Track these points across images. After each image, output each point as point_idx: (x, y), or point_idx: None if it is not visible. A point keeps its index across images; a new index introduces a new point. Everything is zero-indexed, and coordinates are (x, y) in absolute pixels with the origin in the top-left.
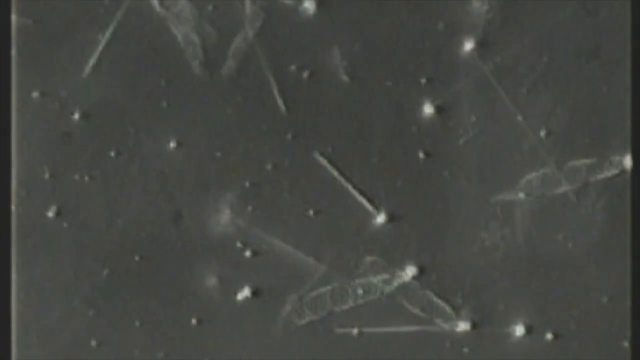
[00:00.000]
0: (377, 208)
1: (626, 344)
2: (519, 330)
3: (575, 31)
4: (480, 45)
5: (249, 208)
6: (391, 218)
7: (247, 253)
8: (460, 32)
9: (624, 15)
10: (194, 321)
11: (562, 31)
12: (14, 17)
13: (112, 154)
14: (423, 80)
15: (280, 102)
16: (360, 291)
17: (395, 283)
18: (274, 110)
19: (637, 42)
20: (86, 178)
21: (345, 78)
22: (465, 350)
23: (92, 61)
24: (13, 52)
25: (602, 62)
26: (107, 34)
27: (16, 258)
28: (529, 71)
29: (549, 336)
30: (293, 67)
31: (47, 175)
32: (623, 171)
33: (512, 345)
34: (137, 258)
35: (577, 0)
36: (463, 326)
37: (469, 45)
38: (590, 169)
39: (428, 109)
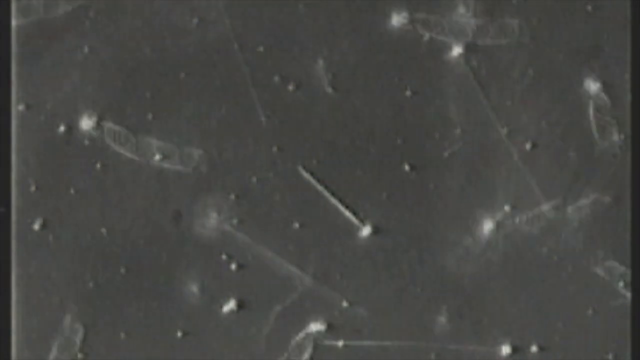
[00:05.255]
0: (363, 221)
1: (610, 356)
2: (505, 343)
3: (574, 32)
4: (467, 55)
5: (234, 221)
6: (376, 231)
7: (233, 265)
8: (447, 41)
9: (624, 15)
10: (179, 333)
11: (559, 33)
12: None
13: (98, 166)
14: (408, 93)
15: (263, 115)
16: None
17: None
18: (258, 123)
19: (637, 42)
20: (72, 191)
21: (330, 90)
22: None
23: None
24: (13, 63)
25: (602, 62)
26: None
27: (14, 269)
28: (517, 81)
29: (534, 349)
30: (277, 79)
31: (32, 188)
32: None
33: (498, 359)
34: (122, 270)
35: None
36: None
37: (455, 55)
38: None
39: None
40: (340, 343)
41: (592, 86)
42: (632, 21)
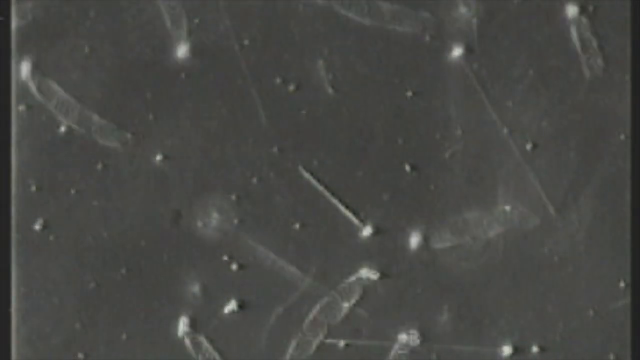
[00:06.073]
0: (363, 221)
1: (611, 357)
2: (506, 344)
3: (573, 34)
4: (468, 55)
5: (235, 221)
6: (377, 231)
7: (234, 266)
8: (447, 41)
9: (624, 15)
10: (180, 334)
11: (557, 35)
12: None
13: (99, 167)
14: (409, 93)
15: (263, 115)
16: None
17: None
18: (258, 124)
19: (637, 42)
20: (73, 191)
21: (330, 91)
22: None
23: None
24: (13, 63)
25: (602, 62)
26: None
27: (14, 270)
28: (517, 81)
29: (535, 349)
30: (278, 81)
31: (33, 188)
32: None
33: (499, 359)
34: (123, 271)
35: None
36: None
37: (456, 56)
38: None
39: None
40: (342, 343)
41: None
42: (632, 21)
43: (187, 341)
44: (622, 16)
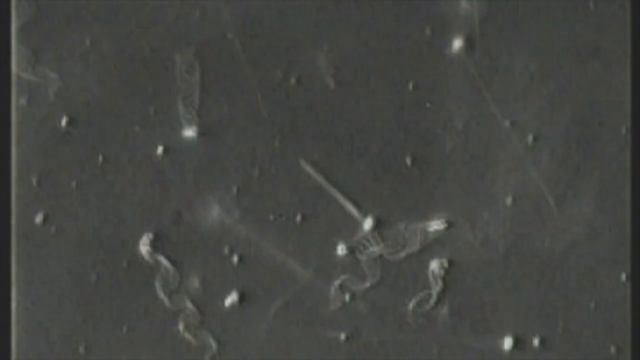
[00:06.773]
0: (364, 214)
1: (613, 349)
2: (507, 338)
3: (573, 31)
4: (469, 48)
5: (236, 214)
6: (378, 224)
7: (235, 258)
8: (449, 34)
9: (624, 15)
10: (181, 327)
11: (558, 31)
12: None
13: (100, 160)
14: (410, 86)
15: (264, 108)
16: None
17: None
18: (260, 117)
19: (637, 42)
20: (74, 184)
21: (332, 84)
22: (454, 358)
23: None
24: (13, 57)
25: (602, 62)
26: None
27: (14, 264)
28: (519, 75)
29: (536, 342)
30: (279, 74)
31: (34, 181)
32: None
33: (500, 352)
34: (124, 264)
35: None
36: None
37: (457, 49)
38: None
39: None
40: (342, 336)
41: None
42: (632, 21)
43: (188, 335)
44: (622, 15)
